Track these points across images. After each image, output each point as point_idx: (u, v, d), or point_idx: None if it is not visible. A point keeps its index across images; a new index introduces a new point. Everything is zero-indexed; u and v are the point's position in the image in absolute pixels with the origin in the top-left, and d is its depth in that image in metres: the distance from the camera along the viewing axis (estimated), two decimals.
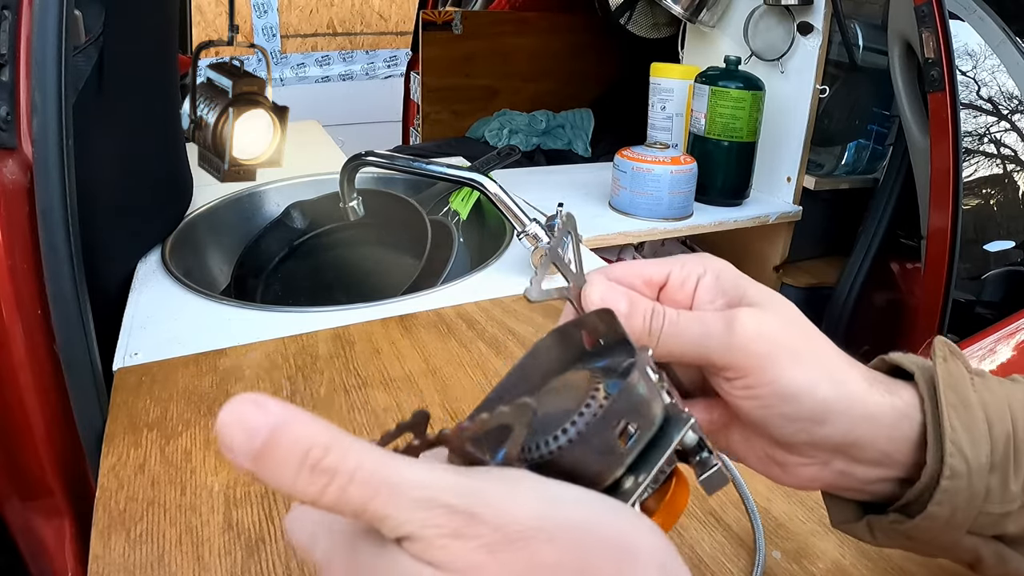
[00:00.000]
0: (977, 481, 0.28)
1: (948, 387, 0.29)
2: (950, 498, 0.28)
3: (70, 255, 0.59)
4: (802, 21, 1.16)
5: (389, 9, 3.35)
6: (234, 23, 0.94)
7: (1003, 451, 0.28)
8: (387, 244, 1.07)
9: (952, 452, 0.28)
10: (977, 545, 0.30)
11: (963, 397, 0.29)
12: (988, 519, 0.29)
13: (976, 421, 0.28)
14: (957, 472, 0.28)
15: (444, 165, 0.89)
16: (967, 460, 0.28)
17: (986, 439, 0.28)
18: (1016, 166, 1.11)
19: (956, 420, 0.28)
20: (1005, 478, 0.28)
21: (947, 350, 0.30)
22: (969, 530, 0.29)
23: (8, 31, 0.59)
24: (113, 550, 0.44)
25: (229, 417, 0.20)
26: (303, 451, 0.18)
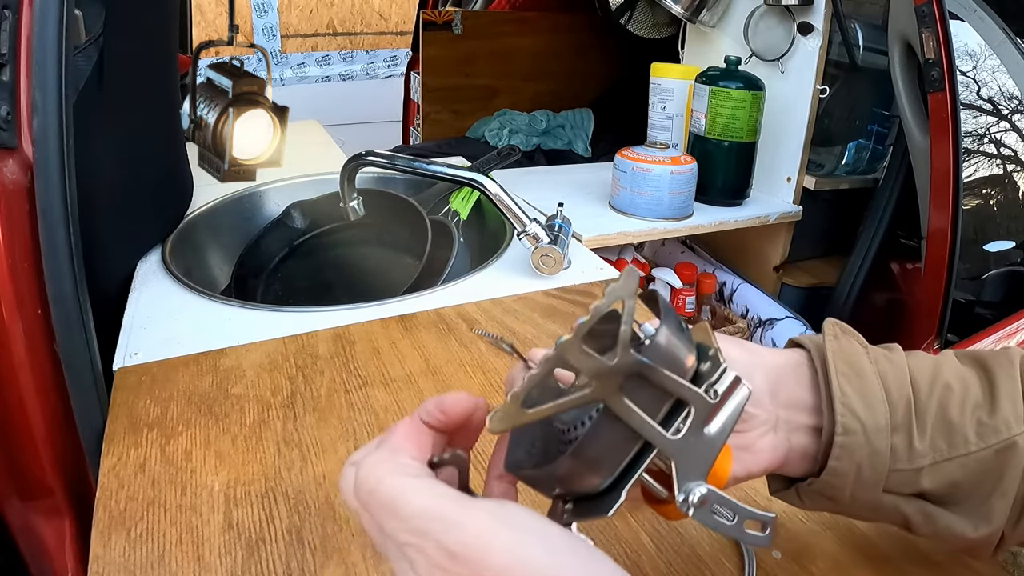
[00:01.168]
0: (877, 440, 0.31)
1: (838, 358, 0.32)
2: (848, 453, 0.31)
3: (70, 255, 0.59)
4: (802, 21, 1.16)
5: (389, 9, 3.35)
6: (234, 23, 0.94)
7: (904, 413, 0.32)
8: (387, 244, 1.07)
9: (842, 412, 0.31)
10: (899, 504, 0.33)
11: (856, 367, 0.32)
12: (901, 476, 0.32)
13: (871, 387, 0.32)
14: (850, 429, 0.31)
15: (444, 165, 0.89)
16: (860, 419, 0.31)
17: (882, 402, 0.32)
18: (1016, 166, 1.11)
19: (847, 386, 0.32)
20: (909, 437, 0.32)
21: (837, 329, 0.34)
22: (886, 489, 0.32)
23: (8, 31, 0.59)
24: (113, 550, 0.44)
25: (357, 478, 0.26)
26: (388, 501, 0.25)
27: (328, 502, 0.48)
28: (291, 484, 0.50)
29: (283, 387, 0.61)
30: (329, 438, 0.55)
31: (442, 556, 0.23)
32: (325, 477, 0.51)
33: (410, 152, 1.84)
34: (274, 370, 0.64)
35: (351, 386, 0.62)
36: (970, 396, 0.32)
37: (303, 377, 0.63)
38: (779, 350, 0.35)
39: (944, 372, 0.33)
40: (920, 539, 0.45)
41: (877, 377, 0.32)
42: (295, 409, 0.58)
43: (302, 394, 0.61)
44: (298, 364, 0.65)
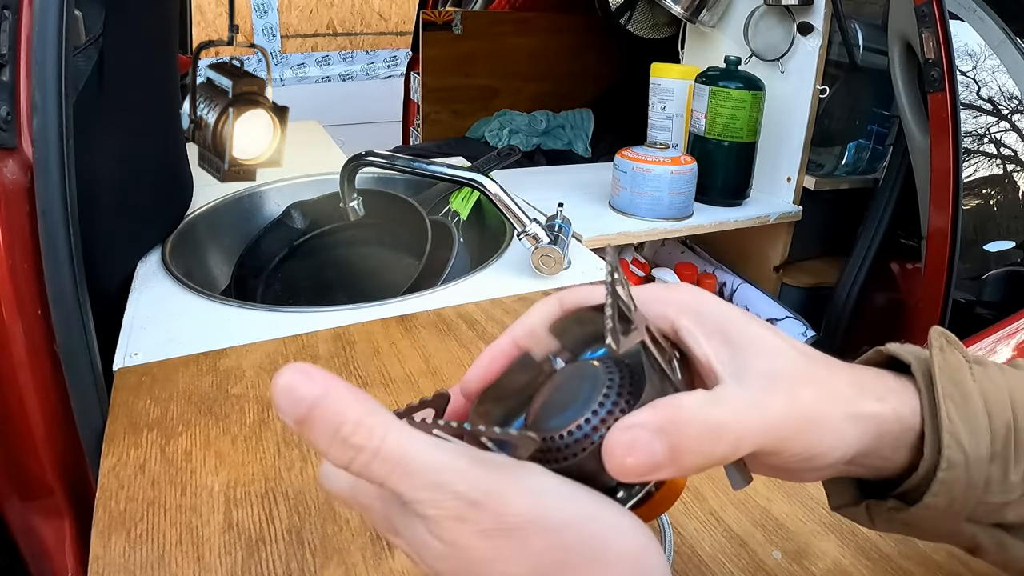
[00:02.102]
0: (976, 471, 0.28)
1: (945, 378, 0.28)
2: (947, 489, 0.28)
3: (70, 255, 0.59)
4: (802, 21, 1.16)
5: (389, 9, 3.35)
6: (234, 23, 0.94)
7: (1003, 441, 0.28)
8: (387, 244, 1.07)
9: (949, 444, 0.27)
10: (976, 533, 0.30)
11: (961, 388, 0.28)
12: (987, 508, 0.29)
13: (975, 412, 0.28)
14: (954, 463, 0.28)
15: (444, 165, 0.89)
16: (965, 451, 0.28)
17: (986, 430, 0.28)
18: (1016, 166, 1.11)
19: (954, 411, 0.28)
20: (1005, 468, 0.28)
21: (943, 340, 0.30)
22: (968, 518, 0.29)
23: (8, 31, 0.59)
24: (113, 550, 0.44)
25: (281, 383, 0.22)
26: (335, 425, 0.22)
27: (328, 502, 0.48)
28: (291, 484, 0.50)
29: None
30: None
31: (461, 505, 0.22)
32: None
33: (410, 152, 1.84)
34: (274, 370, 0.64)
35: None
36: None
37: None
38: (888, 391, 0.29)
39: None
40: (920, 539, 0.45)
41: (982, 399, 0.28)
42: None
43: None
44: None
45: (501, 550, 0.22)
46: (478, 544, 0.22)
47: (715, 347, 0.27)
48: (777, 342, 0.28)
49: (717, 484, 0.51)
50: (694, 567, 0.43)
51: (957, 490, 0.28)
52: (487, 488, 0.22)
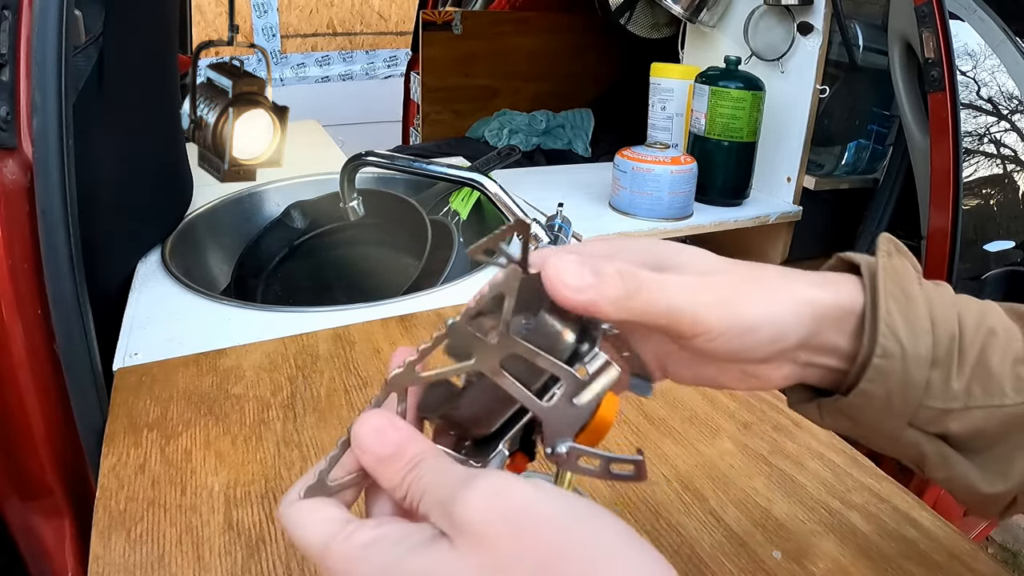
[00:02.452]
0: (915, 370, 0.29)
1: (888, 277, 0.30)
2: (882, 377, 0.29)
3: (70, 255, 0.59)
4: (802, 21, 1.16)
5: (389, 9, 3.35)
6: (234, 23, 0.94)
7: (946, 349, 0.29)
8: (387, 244, 1.07)
9: (885, 333, 0.29)
10: (920, 441, 0.31)
11: (905, 290, 0.30)
12: (929, 413, 0.30)
13: (917, 313, 0.29)
14: (889, 352, 0.29)
15: (444, 165, 0.89)
16: (902, 344, 0.29)
17: (927, 332, 0.29)
18: (1016, 166, 1.11)
19: (894, 306, 0.29)
20: (947, 375, 0.29)
21: (892, 247, 0.32)
22: (911, 423, 0.30)
23: (8, 31, 0.59)
24: (113, 550, 0.44)
25: (364, 433, 0.27)
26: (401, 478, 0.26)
27: None
28: (291, 484, 0.50)
29: (283, 387, 0.61)
30: (329, 438, 0.55)
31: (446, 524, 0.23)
32: None
33: (410, 152, 1.84)
34: (274, 370, 0.64)
35: (351, 386, 0.62)
36: (1012, 347, 0.30)
37: (303, 377, 0.63)
38: (829, 281, 0.31)
39: (991, 317, 0.31)
40: (920, 539, 0.45)
41: (926, 304, 0.30)
42: (295, 409, 0.59)
43: (302, 394, 0.61)
44: (298, 364, 0.65)
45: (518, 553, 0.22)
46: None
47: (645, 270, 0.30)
48: (712, 257, 0.31)
49: (717, 484, 0.51)
50: (694, 567, 0.43)
51: (894, 383, 0.29)
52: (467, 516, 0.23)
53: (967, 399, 0.30)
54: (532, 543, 0.22)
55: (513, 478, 0.23)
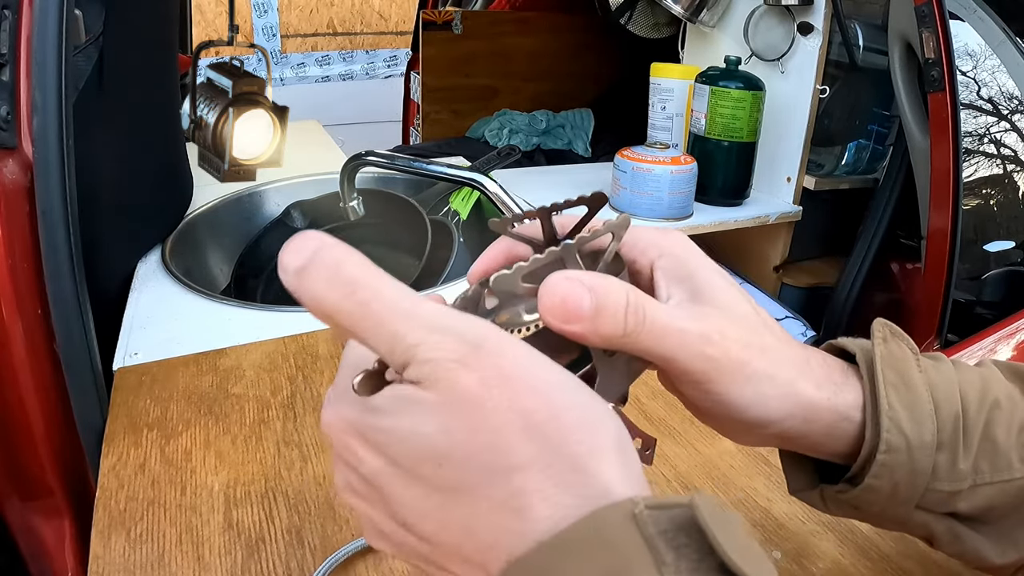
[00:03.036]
0: (921, 458, 0.29)
1: (887, 366, 0.29)
2: (889, 472, 0.29)
3: (70, 255, 0.59)
4: (802, 21, 1.16)
5: (389, 9, 3.35)
6: (234, 23, 0.94)
7: (951, 431, 0.29)
8: (387, 244, 1.07)
9: (889, 428, 0.28)
10: (928, 521, 0.30)
11: (905, 377, 0.29)
12: (937, 496, 0.29)
13: (919, 400, 0.29)
14: (894, 447, 0.28)
15: (444, 165, 0.89)
16: (906, 436, 0.28)
17: (931, 418, 0.29)
18: (1016, 166, 1.11)
19: (895, 398, 0.29)
20: (954, 457, 0.29)
21: (887, 331, 0.31)
22: (919, 505, 0.30)
23: (8, 31, 0.59)
24: (113, 550, 0.44)
25: (288, 247, 0.22)
26: (334, 265, 0.22)
27: (328, 502, 0.48)
28: (291, 484, 0.50)
29: (283, 387, 0.61)
30: (329, 438, 0.55)
31: (464, 348, 0.21)
32: (325, 477, 0.51)
33: (410, 152, 1.84)
34: (274, 370, 0.64)
35: None
36: (1016, 416, 0.30)
37: (303, 377, 0.63)
38: (827, 375, 0.30)
39: (993, 387, 0.31)
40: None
41: (927, 389, 0.29)
42: (295, 409, 0.59)
43: (302, 394, 0.61)
44: (298, 364, 0.65)
45: (498, 400, 0.21)
46: (476, 394, 0.21)
47: (675, 290, 0.29)
48: (741, 305, 0.29)
49: (717, 484, 0.51)
50: None
51: (900, 474, 0.29)
52: (488, 336, 0.22)
53: (975, 477, 0.29)
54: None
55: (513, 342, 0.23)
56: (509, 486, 0.21)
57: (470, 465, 0.21)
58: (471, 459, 0.21)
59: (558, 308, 0.25)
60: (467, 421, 0.21)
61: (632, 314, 0.26)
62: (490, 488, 0.21)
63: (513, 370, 0.22)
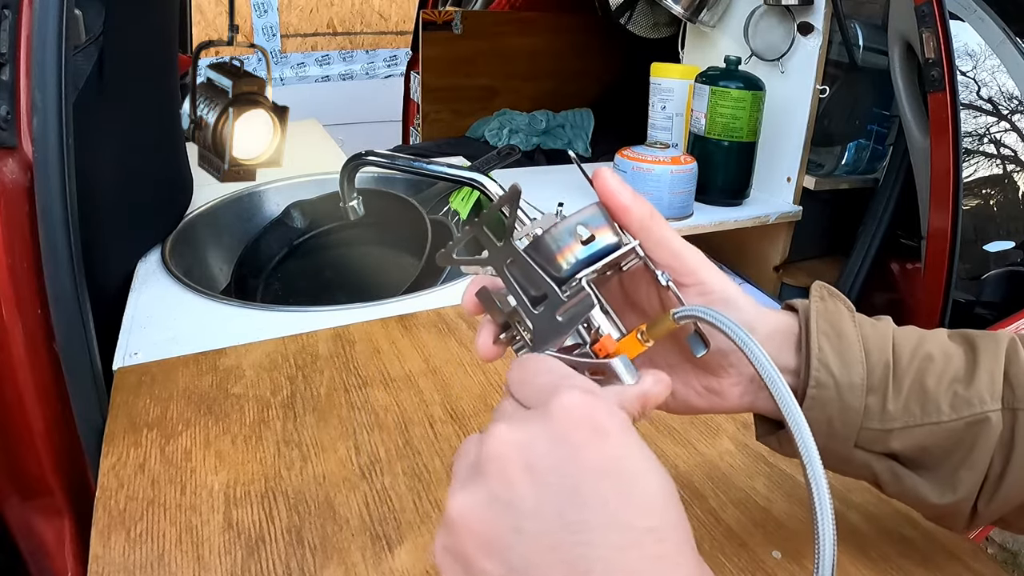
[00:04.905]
0: (850, 397, 0.33)
1: (821, 318, 0.34)
2: (820, 406, 0.33)
3: (70, 255, 0.59)
4: (802, 21, 1.16)
5: (389, 9, 3.35)
6: (234, 23, 0.94)
7: (881, 375, 0.33)
8: (387, 244, 1.07)
9: (817, 367, 0.33)
10: (869, 461, 0.34)
11: (837, 327, 0.34)
12: (871, 435, 0.34)
13: (850, 346, 0.33)
14: (822, 383, 0.33)
15: (444, 165, 0.89)
16: (834, 376, 0.33)
17: (860, 362, 0.33)
18: (1016, 166, 1.11)
19: (825, 343, 0.33)
20: (883, 399, 0.33)
21: (824, 291, 0.36)
22: (857, 444, 0.34)
23: (8, 31, 0.59)
24: (113, 550, 0.44)
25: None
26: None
27: (328, 502, 0.48)
28: (291, 484, 0.50)
29: (283, 387, 0.61)
30: (329, 438, 0.55)
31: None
32: (325, 477, 0.51)
33: (410, 152, 1.84)
34: (274, 370, 0.64)
35: (351, 386, 0.62)
36: (950, 369, 0.34)
37: (303, 377, 0.63)
38: (778, 312, 0.36)
39: (928, 344, 0.34)
40: (920, 539, 0.45)
41: (859, 339, 0.34)
42: (295, 409, 0.59)
43: (302, 394, 0.61)
44: (298, 364, 0.65)
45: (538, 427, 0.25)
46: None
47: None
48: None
49: (717, 484, 0.51)
50: None
51: (832, 410, 0.33)
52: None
53: (906, 418, 0.33)
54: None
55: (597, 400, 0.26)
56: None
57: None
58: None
59: (618, 185, 0.34)
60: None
61: (656, 213, 0.33)
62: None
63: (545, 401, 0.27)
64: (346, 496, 0.49)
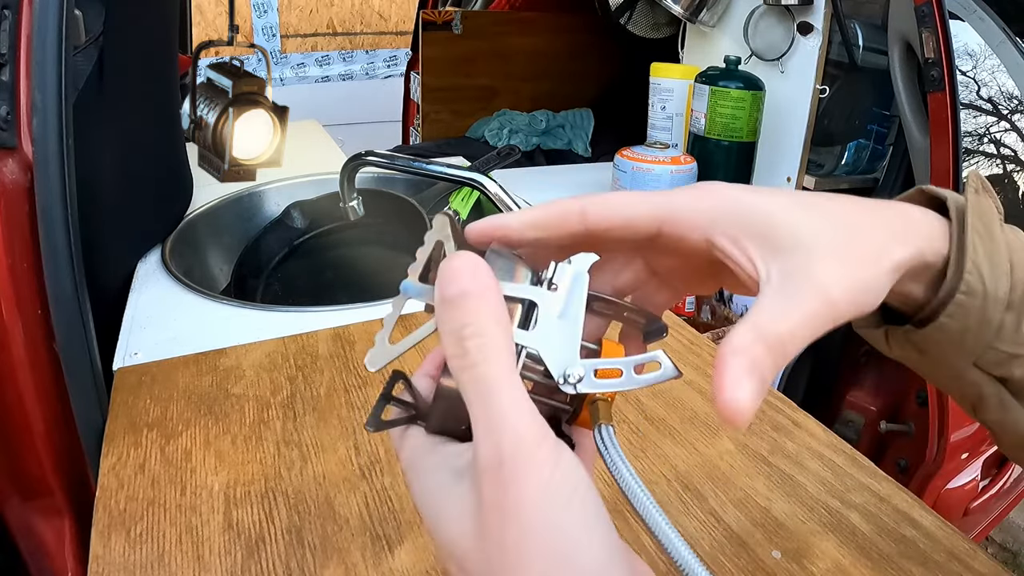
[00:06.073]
0: (992, 310, 0.29)
1: (976, 216, 0.30)
2: (963, 313, 0.29)
3: (70, 255, 0.59)
4: (802, 21, 1.16)
5: (389, 9, 3.35)
6: (234, 23, 0.94)
7: (1021, 293, 0.29)
8: (387, 244, 1.07)
9: (971, 270, 0.29)
10: (981, 382, 0.31)
11: (989, 229, 0.30)
12: (996, 356, 0.30)
13: (999, 254, 0.29)
14: (973, 290, 0.29)
15: (444, 165, 0.89)
16: (984, 284, 0.29)
17: (1007, 274, 0.29)
18: (1016, 166, 1.11)
19: (979, 244, 0.29)
20: (1019, 320, 0.29)
21: (979, 184, 0.31)
22: (976, 363, 0.30)
23: (8, 31, 0.59)
24: (113, 550, 0.44)
25: (457, 264, 0.24)
26: (461, 324, 0.23)
27: (328, 502, 0.48)
28: (291, 484, 0.50)
29: (283, 387, 0.61)
30: (329, 438, 0.55)
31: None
32: (325, 477, 0.51)
33: (410, 152, 1.84)
34: (274, 370, 0.64)
35: (351, 386, 0.62)
36: None
37: (303, 377, 0.63)
38: (912, 232, 0.29)
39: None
40: (919, 538, 0.45)
41: (1006, 247, 0.30)
42: (295, 409, 0.59)
43: (302, 394, 0.61)
44: (298, 364, 0.65)
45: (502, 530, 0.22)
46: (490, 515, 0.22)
47: (757, 261, 0.27)
48: (811, 225, 0.27)
49: (717, 484, 0.51)
50: None
51: (971, 320, 0.29)
52: (521, 461, 0.22)
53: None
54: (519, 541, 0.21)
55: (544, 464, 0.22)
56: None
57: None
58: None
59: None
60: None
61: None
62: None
63: (529, 509, 0.22)
64: (346, 496, 0.49)
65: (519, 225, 0.28)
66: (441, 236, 0.27)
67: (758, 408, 0.23)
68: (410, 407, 0.27)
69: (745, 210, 0.27)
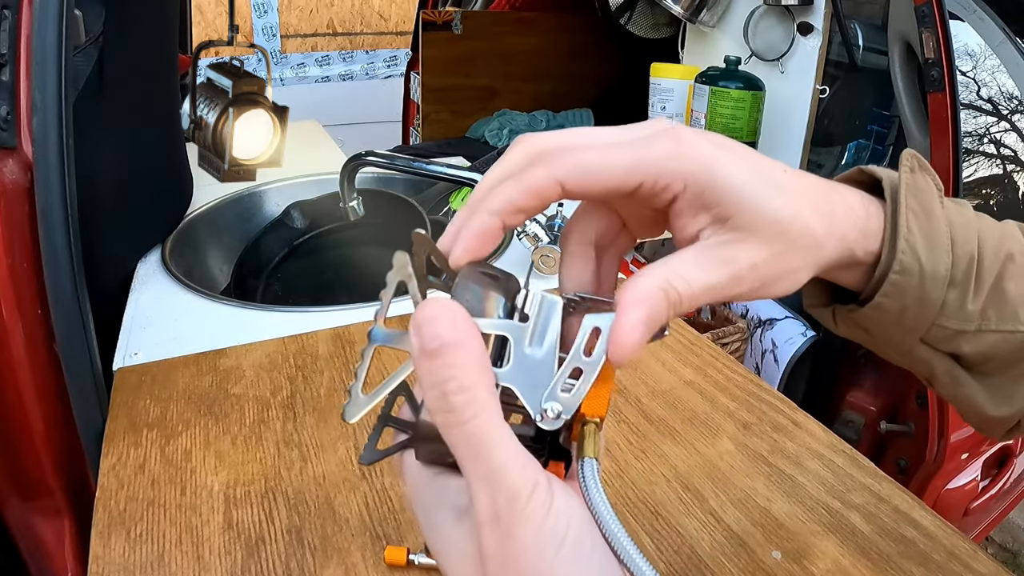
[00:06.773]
0: (931, 288, 0.29)
1: (911, 194, 0.29)
2: (899, 293, 0.29)
3: (70, 255, 0.59)
4: (802, 21, 1.16)
5: (389, 9, 3.35)
6: (234, 23, 0.94)
7: (964, 270, 0.29)
8: (387, 244, 1.07)
9: (904, 249, 0.29)
10: (931, 358, 0.31)
11: (926, 207, 0.29)
12: (942, 332, 0.30)
13: (937, 231, 0.29)
14: (907, 269, 0.29)
15: (444, 165, 0.89)
16: (920, 262, 0.29)
17: (947, 251, 0.29)
18: (1016, 166, 1.11)
19: (914, 223, 0.29)
20: (963, 297, 0.29)
21: (915, 162, 0.31)
22: (923, 339, 0.30)
23: (8, 31, 0.59)
24: (113, 550, 0.44)
25: (428, 312, 0.23)
26: (444, 378, 0.22)
27: (328, 502, 0.48)
28: (291, 484, 0.50)
29: (283, 387, 0.61)
30: (329, 438, 0.55)
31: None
32: (325, 477, 0.51)
33: (410, 152, 1.84)
34: (274, 370, 0.64)
35: None
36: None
37: (303, 377, 0.63)
38: (853, 192, 0.30)
39: (1010, 242, 0.31)
40: (920, 539, 0.45)
41: (947, 224, 0.30)
42: (295, 409, 0.59)
43: (302, 394, 0.61)
44: (298, 364, 0.65)
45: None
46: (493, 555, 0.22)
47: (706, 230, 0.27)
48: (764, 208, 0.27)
49: (717, 484, 0.51)
50: (694, 567, 0.43)
51: (909, 299, 0.29)
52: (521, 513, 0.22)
53: (981, 322, 0.30)
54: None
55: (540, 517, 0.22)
56: None
57: None
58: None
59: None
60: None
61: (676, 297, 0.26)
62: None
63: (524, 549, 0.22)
64: (346, 496, 0.49)
65: (502, 216, 0.27)
66: (403, 276, 0.26)
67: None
68: (408, 427, 0.26)
69: (712, 180, 0.27)
